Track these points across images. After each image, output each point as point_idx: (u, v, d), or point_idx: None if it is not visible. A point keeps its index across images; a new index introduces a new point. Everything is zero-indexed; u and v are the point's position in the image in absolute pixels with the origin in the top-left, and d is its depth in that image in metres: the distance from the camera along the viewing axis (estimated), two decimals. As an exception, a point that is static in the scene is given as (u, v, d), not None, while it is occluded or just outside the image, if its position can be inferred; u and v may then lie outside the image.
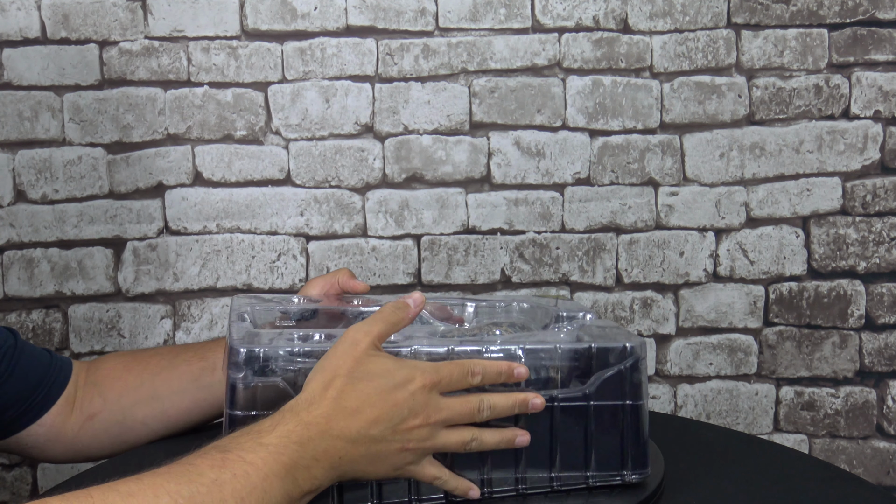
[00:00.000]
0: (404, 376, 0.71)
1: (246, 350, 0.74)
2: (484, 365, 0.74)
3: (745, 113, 1.49)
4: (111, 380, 0.93)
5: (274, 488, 0.63)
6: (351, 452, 0.69)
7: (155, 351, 0.97)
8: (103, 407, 0.92)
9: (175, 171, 1.46)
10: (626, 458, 0.79)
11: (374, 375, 0.71)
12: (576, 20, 1.46)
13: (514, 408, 0.75)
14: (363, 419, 0.69)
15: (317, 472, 0.67)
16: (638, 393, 0.79)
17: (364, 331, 0.73)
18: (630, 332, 0.92)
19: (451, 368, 0.73)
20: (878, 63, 1.48)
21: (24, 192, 1.44)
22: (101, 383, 0.93)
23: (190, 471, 0.61)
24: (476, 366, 0.74)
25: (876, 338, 1.53)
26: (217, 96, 1.45)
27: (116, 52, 1.43)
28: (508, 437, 0.75)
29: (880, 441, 1.54)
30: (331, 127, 1.47)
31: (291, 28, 1.45)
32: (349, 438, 0.68)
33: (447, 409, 0.72)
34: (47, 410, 0.90)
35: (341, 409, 0.69)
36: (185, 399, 0.91)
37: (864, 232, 1.51)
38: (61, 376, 0.92)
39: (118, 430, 0.92)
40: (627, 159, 1.49)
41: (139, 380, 0.92)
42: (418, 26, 1.46)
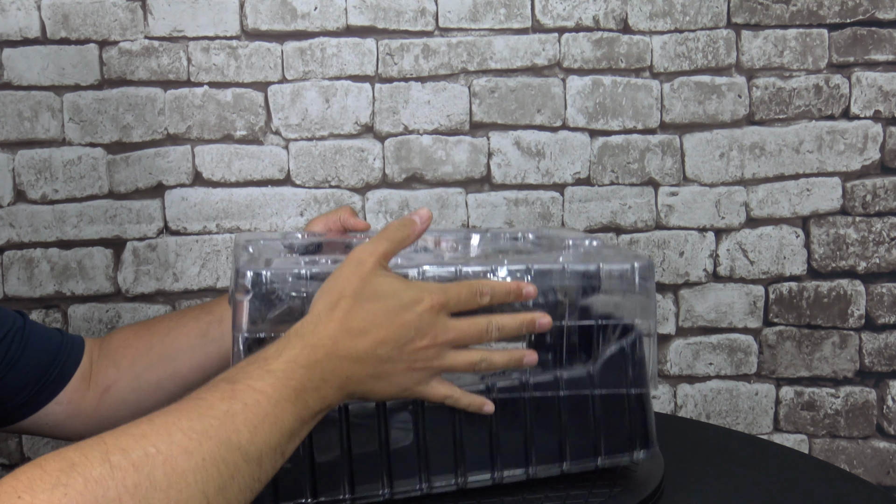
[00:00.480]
0: (412, 297, 0.71)
1: (252, 272, 0.73)
2: (492, 285, 0.74)
3: (745, 113, 1.49)
4: (123, 348, 0.93)
5: (285, 413, 0.63)
6: (358, 372, 0.69)
7: (163, 316, 0.98)
8: (118, 376, 0.92)
9: (175, 171, 1.46)
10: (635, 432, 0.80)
11: (380, 295, 0.70)
12: (576, 20, 1.46)
13: (522, 327, 0.74)
14: (370, 339, 0.69)
15: (326, 392, 0.67)
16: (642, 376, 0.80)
17: (369, 250, 0.72)
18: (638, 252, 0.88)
19: (459, 289, 0.72)
20: (878, 63, 1.48)
21: (23, 192, 1.44)
22: (113, 354, 0.93)
23: (200, 405, 0.60)
24: (484, 286, 0.73)
25: (876, 338, 1.53)
26: (217, 96, 1.45)
27: (116, 52, 1.43)
28: (517, 356, 0.75)
29: (880, 441, 1.54)
30: (331, 127, 1.47)
31: (291, 28, 1.45)
32: (356, 358, 0.68)
33: (455, 329, 0.72)
34: (62, 388, 0.91)
35: (348, 329, 0.68)
36: (197, 355, 0.91)
37: (864, 232, 1.51)
38: (74, 353, 0.92)
39: (135, 397, 0.92)
40: (627, 159, 1.49)
41: (149, 343, 0.93)
42: (418, 26, 1.46)
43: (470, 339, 0.73)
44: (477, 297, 0.73)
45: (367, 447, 0.74)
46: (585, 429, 0.78)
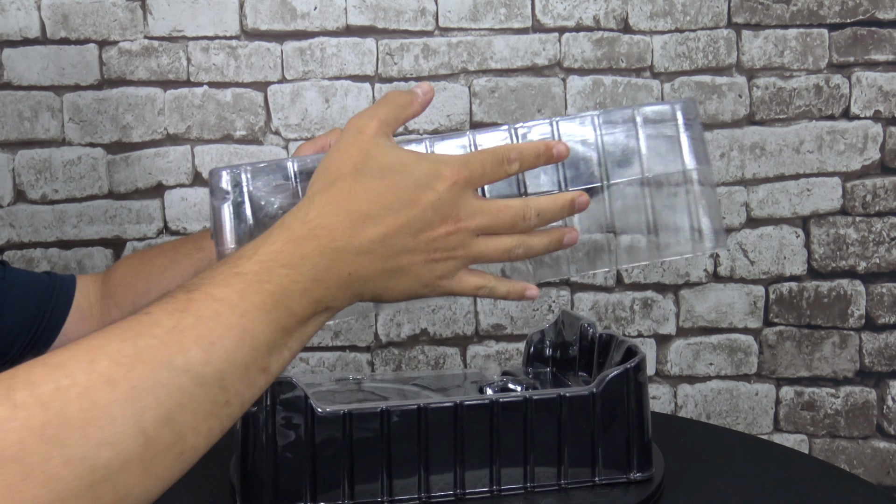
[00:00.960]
0: (427, 170, 0.59)
1: (230, 172, 0.63)
2: (519, 149, 0.63)
3: (746, 113, 1.49)
4: (122, 287, 0.89)
5: (257, 324, 0.52)
6: (364, 267, 0.57)
7: (159, 249, 0.91)
8: (121, 316, 0.89)
9: (174, 171, 1.46)
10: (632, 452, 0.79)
11: (388, 170, 0.58)
12: (576, 20, 1.46)
13: (564, 210, 0.65)
14: (378, 226, 0.57)
15: (320, 293, 0.55)
16: (641, 394, 0.79)
17: (368, 114, 0.61)
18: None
19: (483, 158, 0.61)
20: (878, 63, 1.48)
21: (23, 192, 1.44)
22: (114, 293, 0.89)
23: (143, 321, 0.50)
24: (511, 150, 0.62)
25: (876, 338, 1.53)
26: (217, 96, 1.45)
27: (116, 52, 1.43)
28: (556, 237, 0.66)
29: (880, 441, 1.54)
30: (330, 127, 1.47)
31: (291, 28, 1.45)
32: (359, 250, 0.57)
33: (485, 213, 0.61)
34: (58, 333, 0.87)
35: (347, 214, 0.57)
36: None
37: (864, 232, 1.51)
38: (64, 296, 0.88)
39: None
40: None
41: (147, 283, 0.87)
42: (418, 26, 1.45)
43: (503, 226, 0.62)
44: (504, 165, 0.62)
45: (368, 456, 0.74)
46: (584, 447, 0.78)
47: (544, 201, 0.64)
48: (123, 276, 0.89)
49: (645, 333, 1.53)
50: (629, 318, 1.52)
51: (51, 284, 0.88)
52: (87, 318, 0.89)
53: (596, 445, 0.78)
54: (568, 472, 0.79)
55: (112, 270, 0.91)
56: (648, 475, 0.80)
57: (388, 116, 0.61)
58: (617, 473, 0.80)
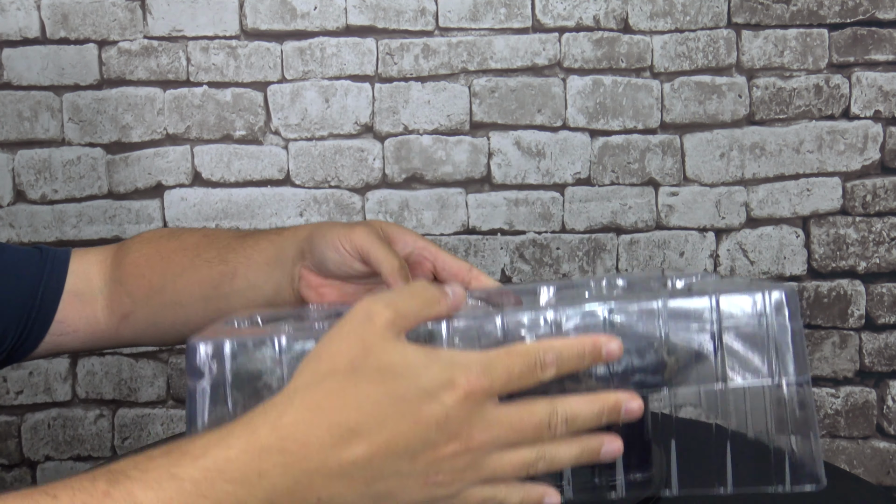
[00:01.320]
0: (436, 378, 0.48)
1: (209, 344, 0.54)
2: (558, 349, 0.50)
3: (746, 113, 1.49)
4: (135, 277, 0.82)
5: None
6: (339, 493, 0.47)
7: (178, 244, 0.83)
8: (133, 307, 0.82)
9: (174, 171, 1.46)
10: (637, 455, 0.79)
11: (389, 373, 0.48)
12: (576, 20, 1.46)
13: (602, 416, 0.52)
14: (364, 444, 0.47)
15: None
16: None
17: (384, 301, 0.50)
18: (775, 282, 0.61)
19: (510, 361, 0.49)
20: (878, 63, 1.48)
21: (23, 192, 1.44)
22: (126, 281, 0.82)
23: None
24: (547, 352, 0.50)
25: (876, 338, 1.53)
26: (216, 96, 1.45)
27: (115, 51, 1.43)
28: (592, 447, 0.53)
29: (880, 441, 1.54)
30: (330, 127, 1.47)
31: (291, 28, 1.45)
32: (336, 473, 0.47)
33: (502, 425, 0.50)
34: (52, 320, 0.82)
35: (330, 428, 0.47)
36: (208, 307, 0.79)
37: (864, 232, 1.51)
38: (54, 279, 0.82)
39: (153, 331, 0.83)
40: (628, 159, 1.49)
41: (162, 281, 0.81)
42: (418, 26, 1.45)
43: (523, 439, 0.50)
44: (537, 371, 0.50)
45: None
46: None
47: (577, 405, 0.51)
48: (137, 264, 0.82)
49: (645, 333, 1.52)
50: (629, 318, 1.52)
51: (41, 263, 0.82)
52: (90, 303, 0.82)
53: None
54: (563, 472, 0.78)
55: (124, 253, 0.83)
56: (647, 476, 0.80)
57: (407, 310, 0.50)
58: (615, 474, 0.79)
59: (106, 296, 0.82)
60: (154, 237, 0.85)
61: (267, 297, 0.77)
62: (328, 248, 0.71)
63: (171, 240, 0.83)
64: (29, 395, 1.48)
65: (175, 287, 0.79)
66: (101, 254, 0.85)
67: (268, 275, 0.77)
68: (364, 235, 0.69)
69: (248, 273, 0.78)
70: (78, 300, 0.83)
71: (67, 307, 0.83)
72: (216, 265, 0.78)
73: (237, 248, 0.79)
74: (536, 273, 1.50)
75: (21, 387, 1.47)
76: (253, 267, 0.78)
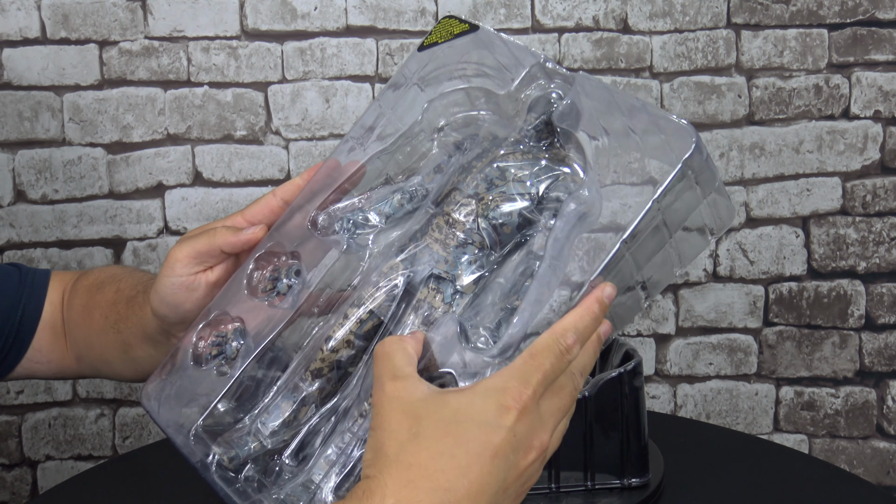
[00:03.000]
0: (488, 408, 0.50)
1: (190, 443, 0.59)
2: (574, 325, 0.54)
3: (745, 113, 1.49)
4: (73, 326, 0.84)
5: None
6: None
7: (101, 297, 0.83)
8: (80, 354, 0.85)
9: (175, 171, 1.46)
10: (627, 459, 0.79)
11: (447, 423, 0.50)
12: (576, 20, 1.46)
13: (596, 353, 0.57)
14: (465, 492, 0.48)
15: None
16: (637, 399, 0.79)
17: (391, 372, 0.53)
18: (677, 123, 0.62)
19: (539, 361, 0.52)
20: (878, 63, 1.48)
21: (23, 192, 1.44)
22: (70, 328, 0.84)
23: None
24: (565, 334, 0.53)
25: (876, 338, 1.53)
26: (217, 96, 1.45)
27: (116, 52, 1.43)
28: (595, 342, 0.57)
29: (880, 441, 1.54)
30: (331, 127, 1.47)
31: (291, 28, 1.45)
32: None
33: (553, 413, 0.53)
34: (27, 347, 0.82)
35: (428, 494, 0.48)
36: (128, 367, 0.81)
37: (864, 232, 1.51)
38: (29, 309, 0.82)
39: (108, 371, 0.84)
40: (628, 159, 1.49)
41: (88, 338, 0.83)
42: (418, 26, 1.46)
43: (567, 408, 0.54)
44: (566, 356, 0.53)
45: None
46: (577, 451, 0.78)
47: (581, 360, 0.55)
48: (76, 314, 0.84)
49: (644, 333, 1.53)
50: (629, 318, 1.52)
51: (20, 286, 0.82)
52: (59, 337, 0.84)
53: (589, 449, 0.78)
54: (560, 475, 0.79)
55: (72, 296, 0.85)
56: (644, 480, 0.80)
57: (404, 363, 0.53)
58: (611, 478, 0.80)
59: (63, 334, 0.85)
60: (91, 285, 0.85)
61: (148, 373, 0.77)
62: (168, 295, 0.71)
63: (97, 293, 0.83)
64: (29, 395, 1.48)
65: (100, 348, 0.81)
66: (62, 288, 0.85)
67: (155, 347, 0.77)
68: (178, 250, 0.70)
69: (142, 345, 0.78)
70: (51, 332, 0.84)
71: (43, 337, 0.84)
72: (114, 335, 0.79)
73: (128, 317, 0.79)
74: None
75: (21, 386, 1.48)
76: (140, 341, 0.78)
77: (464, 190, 0.60)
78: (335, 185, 0.65)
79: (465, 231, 0.59)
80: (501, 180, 0.59)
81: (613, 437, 0.79)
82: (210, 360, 0.64)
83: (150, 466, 0.97)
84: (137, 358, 0.79)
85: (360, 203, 0.65)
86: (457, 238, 0.59)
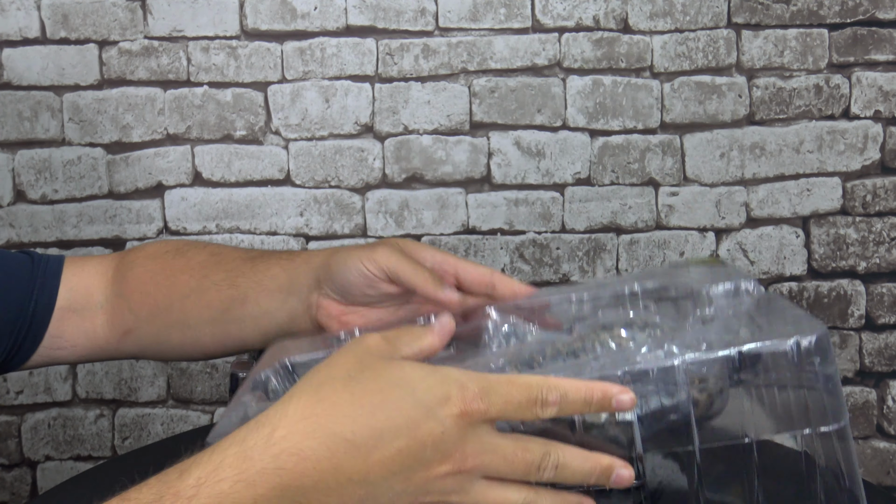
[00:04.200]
0: (434, 392, 0.48)
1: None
2: (563, 389, 0.49)
3: (746, 113, 1.49)
4: (139, 294, 0.80)
5: None
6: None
7: (184, 263, 0.81)
8: (136, 324, 0.80)
9: (174, 171, 1.46)
10: None
11: (386, 382, 0.48)
12: (576, 20, 1.46)
13: (592, 475, 0.51)
14: (360, 461, 0.46)
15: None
16: None
17: (378, 333, 0.53)
18: (806, 316, 0.55)
19: (511, 389, 0.49)
20: (878, 63, 1.48)
21: (23, 192, 1.44)
22: (129, 297, 0.80)
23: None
24: (551, 389, 0.49)
25: (876, 338, 1.53)
26: (217, 96, 1.45)
27: (116, 52, 1.43)
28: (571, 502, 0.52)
29: (880, 441, 1.54)
30: (331, 127, 1.47)
31: (291, 28, 1.45)
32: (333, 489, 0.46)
33: (496, 454, 0.49)
34: (43, 335, 0.80)
35: (325, 438, 0.46)
36: (217, 330, 0.78)
37: (864, 232, 1.51)
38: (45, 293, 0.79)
39: (157, 349, 0.81)
40: (628, 159, 1.49)
41: (168, 300, 0.79)
42: (418, 26, 1.45)
43: (512, 471, 0.49)
44: (537, 407, 0.49)
45: None
46: None
47: (572, 456, 0.50)
48: (141, 283, 0.81)
49: (645, 333, 1.52)
50: (629, 318, 1.52)
51: (32, 272, 0.79)
52: (89, 318, 0.81)
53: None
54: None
55: (127, 267, 0.82)
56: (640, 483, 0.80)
57: (397, 338, 0.52)
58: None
59: (107, 310, 0.80)
60: (159, 252, 0.83)
61: (279, 325, 0.76)
62: (350, 272, 0.70)
63: (178, 257, 0.81)
64: (29, 395, 1.48)
65: (182, 308, 0.78)
66: (100, 265, 0.82)
67: (281, 302, 0.75)
68: (388, 254, 0.69)
69: (260, 299, 0.76)
70: (76, 315, 0.81)
71: (64, 322, 0.81)
72: (225, 289, 0.77)
73: (247, 273, 0.77)
74: (536, 273, 1.50)
75: (21, 387, 1.47)
76: (265, 293, 0.76)
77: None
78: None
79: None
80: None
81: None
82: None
83: (149, 467, 0.97)
84: (248, 314, 0.76)
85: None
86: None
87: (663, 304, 0.63)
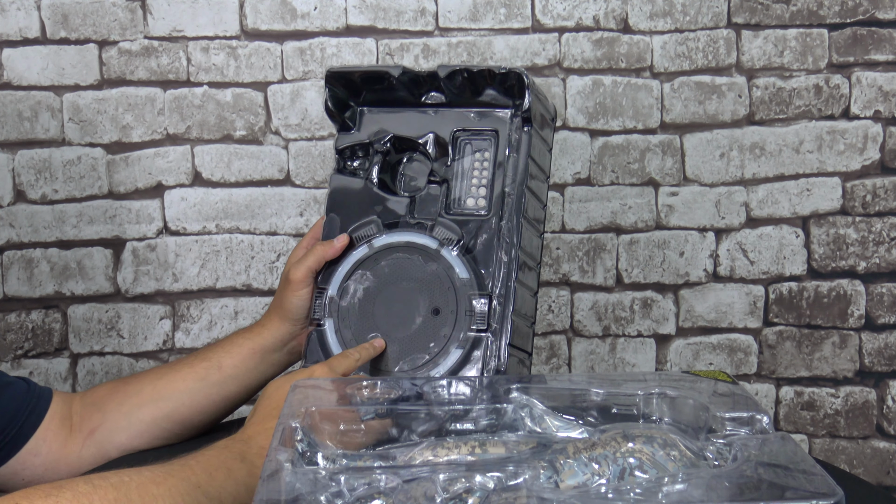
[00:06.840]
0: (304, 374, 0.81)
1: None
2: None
3: (746, 113, 1.49)
4: (108, 395, 0.90)
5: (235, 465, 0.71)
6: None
7: (149, 369, 0.95)
8: (103, 419, 0.88)
9: (174, 171, 1.46)
10: None
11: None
12: (576, 20, 1.46)
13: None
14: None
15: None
16: None
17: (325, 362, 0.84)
18: (826, 476, 0.53)
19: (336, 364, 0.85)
20: (878, 63, 1.48)
21: (23, 192, 1.44)
22: (97, 402, 0.89)
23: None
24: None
25: (876, 338, 1.53)
26: (216, 96, 1.45)
27: (116, 52, 1.43)
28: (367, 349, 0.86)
29: (880, 441, 1.54)
30: (330, 127, 1.47)
31: (291, 28, 1.45)
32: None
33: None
34: (28, 439, 0.86)
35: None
36: (197, 397, 0.89)
37: (864, 232, 1.51)
38: (41, 403, 0.87)
39: (125, 436, 0.88)
40: (628, 159, 1.49)
41: (137, 387, 0.90)
42: (418, 26, 1.45)
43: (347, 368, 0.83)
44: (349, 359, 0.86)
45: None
46: None
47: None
48: (109, 388, 0.92)
49: (645, 333, 1.53)
50: (629, 318, 1.52)
51: (29, 392, 0.87)
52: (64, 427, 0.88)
53: None
54: None
55: (93, 389, 0.94)
56: None
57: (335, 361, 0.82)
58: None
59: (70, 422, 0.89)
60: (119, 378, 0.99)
61: (249, 389, 0.91)
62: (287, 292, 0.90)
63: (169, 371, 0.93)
64: (29, 395, 1.48)
65: (155, 387, 0.89)
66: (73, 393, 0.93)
67: (253, 367, 0.91)
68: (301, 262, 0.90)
69: (234, 363, 0.90)
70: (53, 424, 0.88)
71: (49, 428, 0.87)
72: (197, 364, 0.90)
73: (214, 348, 0.92)
74: (536, 273, 1.50)
75: (21, 387, 1.47)
76: (236, 358, 0.90)
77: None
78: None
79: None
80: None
81: None
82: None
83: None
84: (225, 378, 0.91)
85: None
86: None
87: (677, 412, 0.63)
